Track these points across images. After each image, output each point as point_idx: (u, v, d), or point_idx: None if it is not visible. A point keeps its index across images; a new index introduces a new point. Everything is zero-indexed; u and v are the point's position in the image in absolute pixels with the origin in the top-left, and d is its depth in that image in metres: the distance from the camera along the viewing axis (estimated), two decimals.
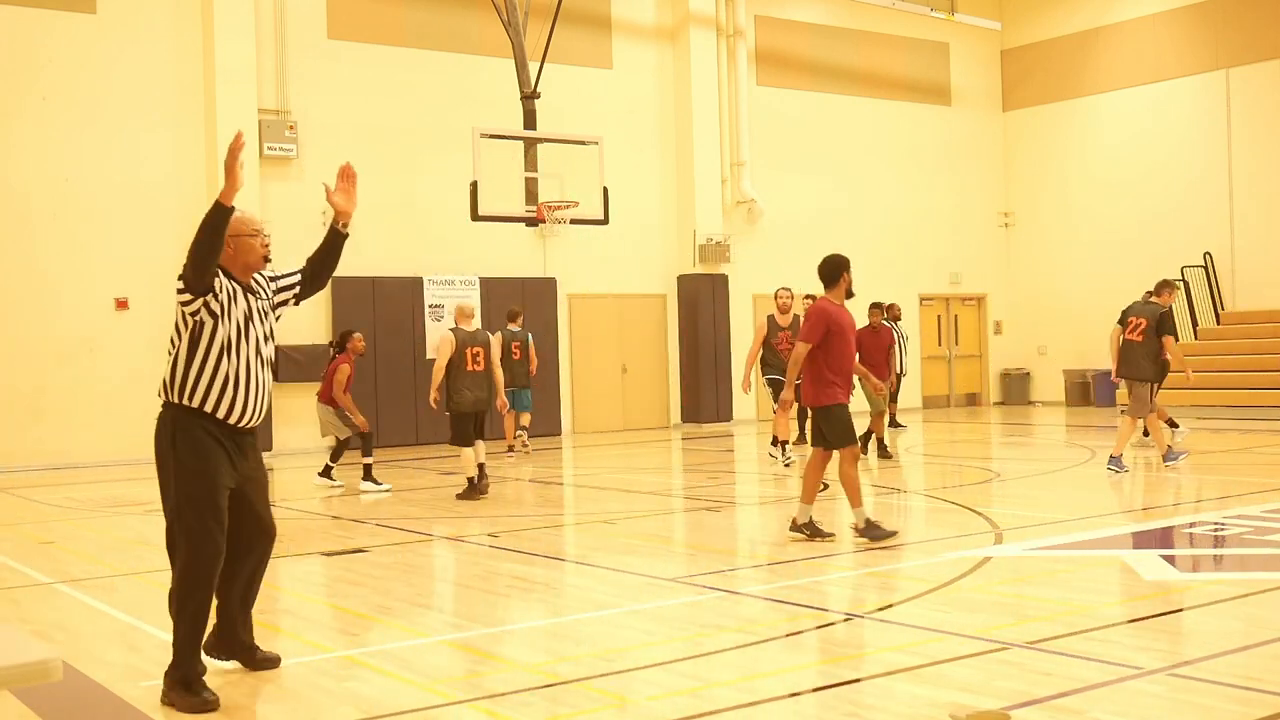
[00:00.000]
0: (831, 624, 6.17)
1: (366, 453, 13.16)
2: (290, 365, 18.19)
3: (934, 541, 8.84)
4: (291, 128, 18.38)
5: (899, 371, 17.78)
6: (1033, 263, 25.83)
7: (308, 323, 18.59)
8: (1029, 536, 8.70)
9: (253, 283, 5.42)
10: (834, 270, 8.84)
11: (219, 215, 4.96)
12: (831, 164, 24.02)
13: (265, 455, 17.56)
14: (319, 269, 5.86)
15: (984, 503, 10.78)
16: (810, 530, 8.69)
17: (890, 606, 6.49)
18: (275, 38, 18.50)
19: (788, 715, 4.66)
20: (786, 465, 13.73)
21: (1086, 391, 24.12)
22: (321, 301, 18.71)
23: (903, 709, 4.66)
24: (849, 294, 8.85)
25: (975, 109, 25.98)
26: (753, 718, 4.63)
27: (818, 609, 6.55)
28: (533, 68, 17.11)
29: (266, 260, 5.34)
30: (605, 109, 21.24)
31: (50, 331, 16.98)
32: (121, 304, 17.39)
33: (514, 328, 16.23)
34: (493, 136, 16.33)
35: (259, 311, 5.37)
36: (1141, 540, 8.45)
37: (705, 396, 21.67)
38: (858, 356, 14.30)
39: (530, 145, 16.66)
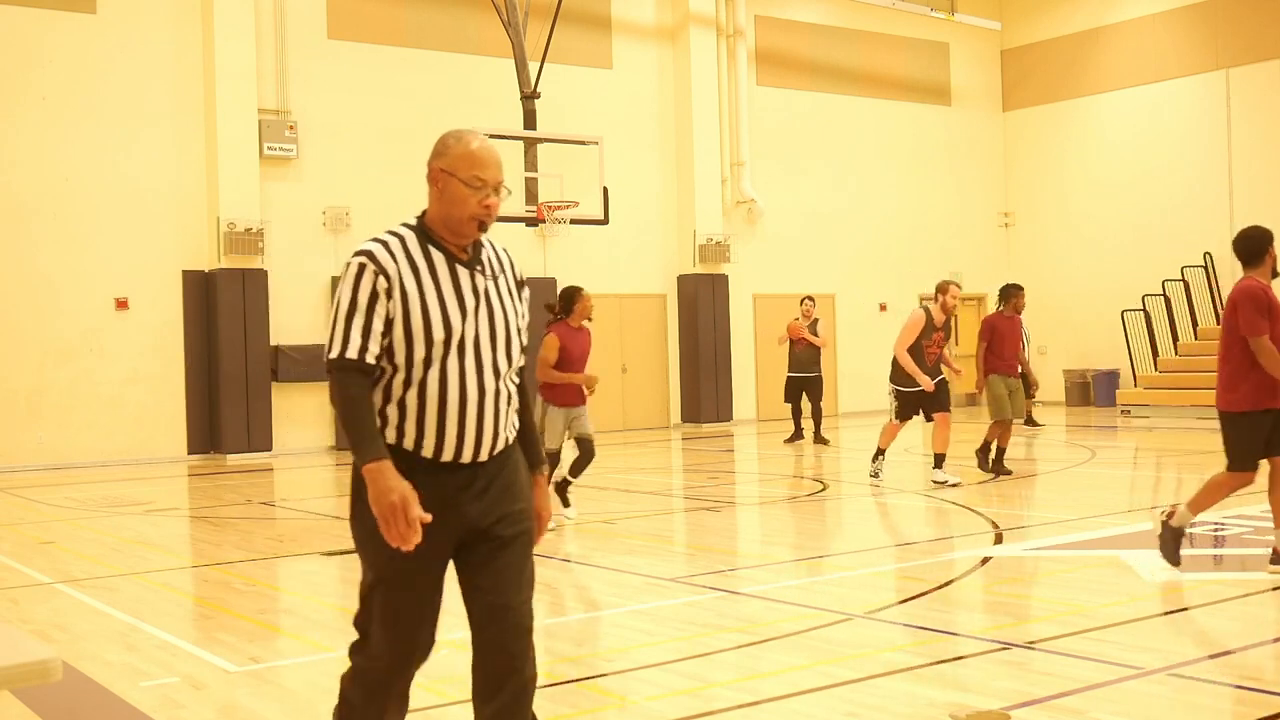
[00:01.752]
0: (831, 624, 6.16)
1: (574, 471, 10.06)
2: (290, 365, 18.20)
3: (934, 541, 8.84)
4: (291, 128, 18.38)
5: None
6: (1033, 263, 25.82)
7: (308, 323, 18.59)
8: (1029, 536, 8.70)
9: (483, 253, 3.57)
10: (1256, 245, 7.18)
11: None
12: (831, 164, 24.01)
13: (264, 456, 17.80)
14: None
15: (984, 503, 10.78)
16: None
17: (890, 606, 6.49)
18: (275, 38, 18.49)
19: (788, 715, 4.66)
20: (954, 485, 11.67)
21: (1086, 391, 24.12)
22: (321, 301, 18.71)
23: (903, 709, 4.66)
24: (1275, 272, 7.22)
25: (975, 109, 25.98)
26: (753, 718, 4.63)
27: (818, 609, 6.55)
28: (533, 68, 17.11)
29: (482, 227, 3.47)
30: (605, 109, 21.23)
31: (50, 331, 16.98)
32: (121, 304, 17.39)
33: None
34: (493, 136, 16.26)
35: (483, 293, 3.48)
36: (1141, 540, 8.45)
37: (705, 396, 21.67)
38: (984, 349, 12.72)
39: (530, 145, 16.66)
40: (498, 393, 3.44)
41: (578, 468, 9.91)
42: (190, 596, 7.75)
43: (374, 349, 3.33)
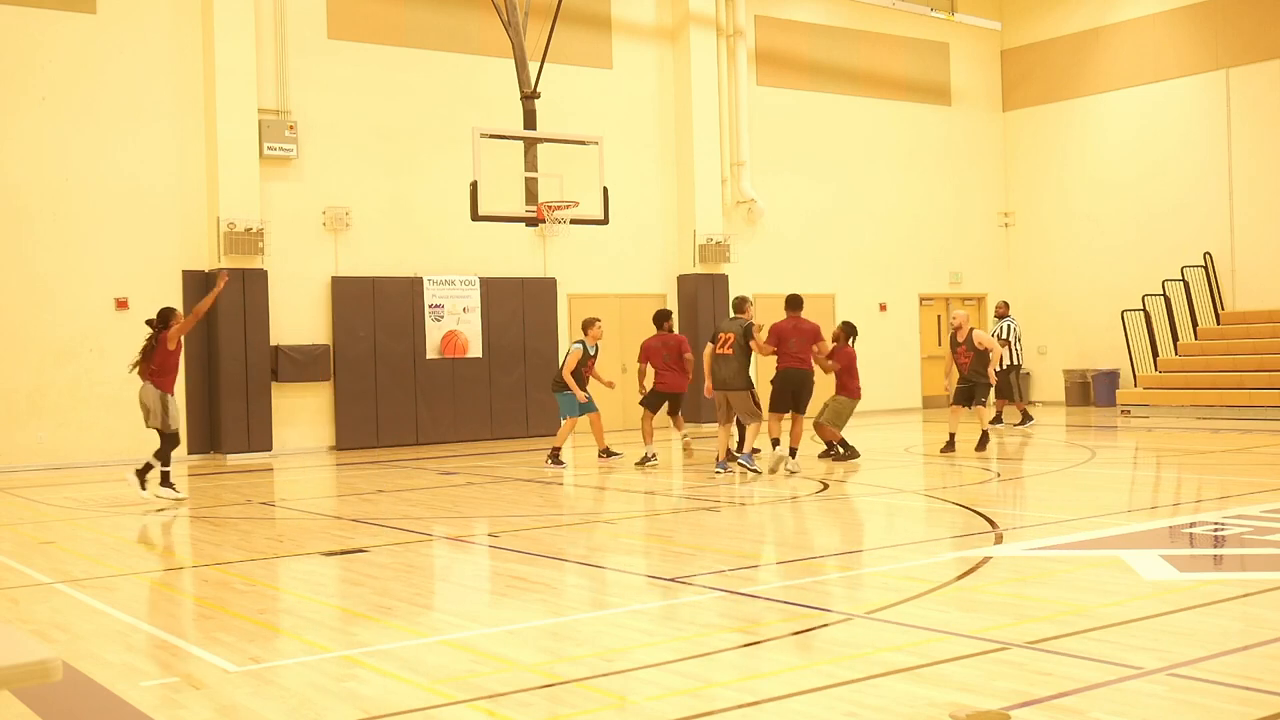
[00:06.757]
0: (831, 624, 6.17)
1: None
2: (290, 365, 18.21)
3: (934, 541, 8.84)
4: (291, 128, 18.38)
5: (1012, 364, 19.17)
6: (1033, 263, 25.83)
7: (308, 323, 18.60)
8: (1029, 536, 8.70)
9: None
10: (799, 300, 8.08)
11: None
12: (831, 164, 24.01)
13: (264, 456, 17.81)
14: None
15: (984, 503, 10.78)
16: None
17: (890, 606, 6.49)
18: (275, 37, 18.49)
19: (788, 715, 4.66)
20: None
21: (1086, 391, 24.12)
22: (321, 301, 18.72)
23: (903, 709, 4.66)
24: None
25: (975, 109, 25.98)
26: (753, 718, 4.63)
27: (818, 609, 6.55)
28: (533, 68, 17.11)
29: None
30: (605, 109, 21.24)
31: (50, 331, 16.98)
32: (121, 304, 17.39)
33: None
34: (493, 136, 16.33)
35: None
36: (1141, 540, 8.46)
37: (705, 397, 21.62)
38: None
39: (530, 145, 16.66)
40: None
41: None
42: (190, 596, 7.75)
43: None
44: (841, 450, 14.74)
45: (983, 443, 15.18)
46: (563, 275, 20.87)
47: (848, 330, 14.75)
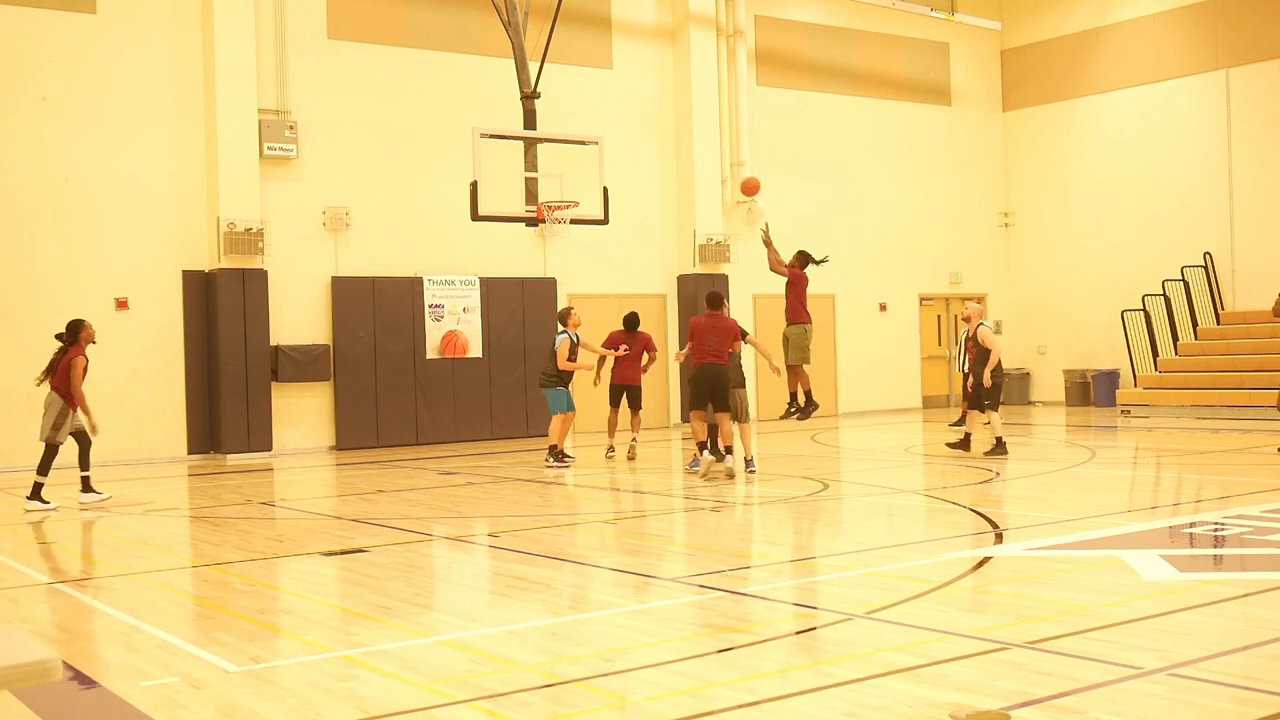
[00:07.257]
0: (831, 624, 6.16)
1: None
2: (290, 365, 18.20)
3: (934, 541, 8.84)
4: (291, 128, 18.38)
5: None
6: (1033, 263, 25.83)
7: (308, 322, 18.59)
8: (1029, 536, 8.70)
9: None
10: (719, 298, 8.71)
11: None
12: (831, 164, 24.01)
13: (264, 456, 17.81)
14: None
15: (984, 503, 10.78)
16: None
17: (890, 606, 6.49)
18: (275, 37, 18.49)
19: (788, 715, 4.66)
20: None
21: (1086, 391, 24.12)
22: (321, 301, 18.71)
23: (903, 709, 4.66)
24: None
25: (975, 109, 25.97)
26: (753, 718, 4.63)
27: (817, 609, 6.55)
28: (533, 68, 17.11)
29: None
30: (605, 109, 21.23)
31: (50, 331, 16.85)
32: (121, 304, 17.39)
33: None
34: (493, 136, 16.33)
35: None
36: (1141, 540, 8.46)
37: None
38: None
39: (530, 145, 16.66)
40: None
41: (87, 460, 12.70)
42: (190, 596, 7.75)
43: None
44: (803, 403, 14.45)
45: (999, 448, 14.66)
46: (563, 275, 20.86)
47: (803, 258, 15.34)
